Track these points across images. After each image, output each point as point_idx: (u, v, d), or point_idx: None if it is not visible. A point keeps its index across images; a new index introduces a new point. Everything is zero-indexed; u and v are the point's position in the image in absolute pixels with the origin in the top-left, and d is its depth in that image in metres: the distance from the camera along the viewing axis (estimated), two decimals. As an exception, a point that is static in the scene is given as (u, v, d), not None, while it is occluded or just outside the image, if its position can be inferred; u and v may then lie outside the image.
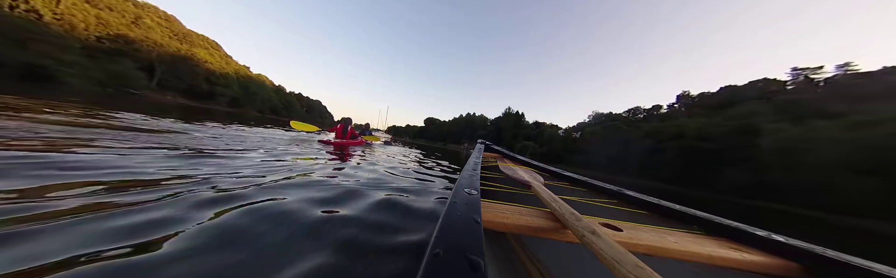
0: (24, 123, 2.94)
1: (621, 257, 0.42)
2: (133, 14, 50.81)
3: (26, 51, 25.04)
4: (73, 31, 35.92)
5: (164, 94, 47.00)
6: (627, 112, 54.13)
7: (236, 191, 1.81)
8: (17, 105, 4.53)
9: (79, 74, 28.37)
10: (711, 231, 0.76)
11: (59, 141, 2.47)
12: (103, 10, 43.56)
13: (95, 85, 30.82)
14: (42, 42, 26.41)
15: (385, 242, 1.42)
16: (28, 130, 2.64)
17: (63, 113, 4.33)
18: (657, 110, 51.18)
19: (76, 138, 2.69)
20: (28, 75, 24.17)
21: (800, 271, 0.58)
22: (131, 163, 2.11)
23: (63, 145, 2.33)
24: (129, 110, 6.72)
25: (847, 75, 33.37)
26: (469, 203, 0.56)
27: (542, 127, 69.11)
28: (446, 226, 0.43)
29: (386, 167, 4.26)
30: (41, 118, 3.47)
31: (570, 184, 1.48)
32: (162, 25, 57.03)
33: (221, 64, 68.76)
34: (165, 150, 2.75)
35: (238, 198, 1.68)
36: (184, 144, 3.23)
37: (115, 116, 5.12)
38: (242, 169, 2.50)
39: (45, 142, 2.33)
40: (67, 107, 5.43)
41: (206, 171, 2.22)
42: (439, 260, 0.32)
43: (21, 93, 6.81)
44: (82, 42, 35.39)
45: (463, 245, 0.37)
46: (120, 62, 37.15)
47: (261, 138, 5.38)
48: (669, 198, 1.07)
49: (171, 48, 52.60)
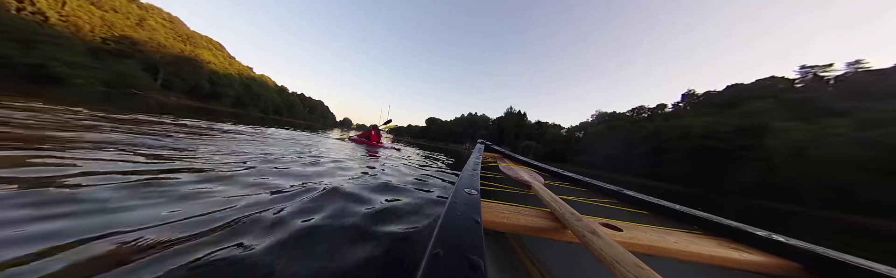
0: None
1: (621, 257, 0.42)
2: (137, 15, 51.30)
3: (32, 52, 25.39)
4: (78, 32, 36.35)
5: (167, 95, 47.43)
6: (631, 111, 53.73)
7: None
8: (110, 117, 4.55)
9: (84, 75, 28.71)
10: (711, 231, 0.76)
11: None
12: (108, 12, 44.03)
13: (100, 86, 31.15)
14: (48, 44, 26.76)
15: (385, 242, 1.42)
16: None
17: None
18: (662, 109, 50.77)
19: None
20: (35, 76, 24.48)
21: (800, 271, 0.58)
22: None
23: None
24: (180, 115, 7.13)
25: (858, 73, 32.81)
26: (469, 203, 0.56)
27: (545, 126, 68.88)
28: (446, 226, 0.43)
29: (391, 167, 4.33)
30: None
31: (570, 184, 1.48)
32: (166, 27, 57.51)
33: (224, 64, 69.29)
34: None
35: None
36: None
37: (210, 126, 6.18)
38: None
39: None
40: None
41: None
42: (439, 260, 0.32)
43: (40, 95, 6.88)
44: (87, 43, 35.81)
45: (463, 245, 0.37)
46: (124, 63, 37.54)
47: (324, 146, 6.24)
48: (675, 198, 1.05)
49: (174, 49, 53.08)
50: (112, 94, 18.65)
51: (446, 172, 5.01)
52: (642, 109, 52.78)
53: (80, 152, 2.14)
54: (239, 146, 3.93)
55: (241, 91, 71.17)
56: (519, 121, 70.94)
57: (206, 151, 3.12)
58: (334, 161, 3.96)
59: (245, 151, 3.54)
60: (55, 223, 1.11)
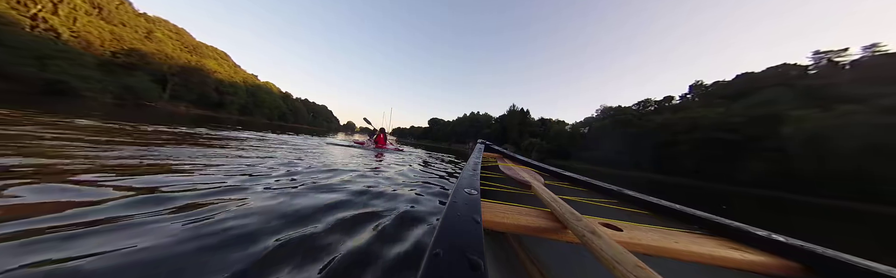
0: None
1: (621, 257, 0.42)
2: (145, 28, 52.72)
3: (46, 68, 26.34)
4: (89, 47, 37.54)
5: (176, 105, 48.62)
6: (637, 104, 52.80)
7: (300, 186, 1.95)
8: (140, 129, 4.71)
9: (95, 88, 29.64)
10: (712, 231, 0.75)
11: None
12: (117, 26, 45.36)
13: (111, 98, 32.12)
14: (61, 59, 27.73)
15: (385, 242, 1.43)
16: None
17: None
18: (669, 102, 49.76)
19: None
20: (49, 91, 25.38)
21: (800, 271, 0.58)
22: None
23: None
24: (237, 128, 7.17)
25: (876, 56, 31.46)
26: (469, 203, 0.57)
27: (549, 123, 68.23)
28: (446, 226, 0.43)
29: (392, 167, 4.36)
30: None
31: (570, 184, 1.47)
32: (173, 38, 59.00)
33: (230, 73, 70.71)
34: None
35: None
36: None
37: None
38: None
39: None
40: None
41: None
42: (439, 261, 0.32)
43: (51, 109, 7.12)
44: (98, 58, 36.95)
45: (463, 245, 0.37)
46: (134, 75, 38.63)
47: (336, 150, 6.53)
48: (685, 192, 1.01)
49: (181, 60, 54.40)
50: (125, 106, 19.20)
51: (447, 171, 5.01)
52: (649, 102, 51.83)
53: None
54: (247, 151, 3.98)
55: (247, 98, 72.52)
56: (522, 118, 70.46)
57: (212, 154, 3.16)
58: (338, 162, 3.98)
59: (250, 155, 3.58)
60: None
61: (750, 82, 36.89)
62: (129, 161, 2.44)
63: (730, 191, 18.17)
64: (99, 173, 1.96)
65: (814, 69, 35.46)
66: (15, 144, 2.55)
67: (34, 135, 3.09)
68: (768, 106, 28.49)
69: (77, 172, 1.92)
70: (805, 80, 31.54)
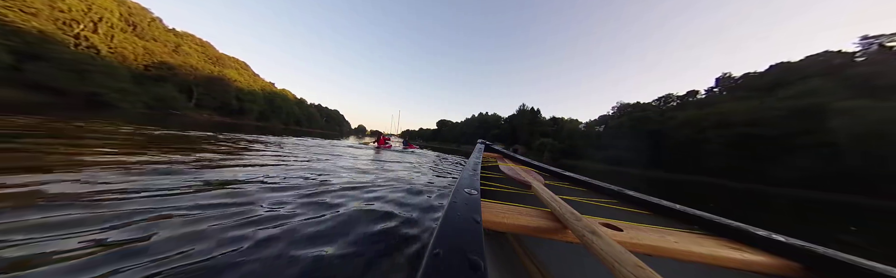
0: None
1: (621, 257, 0.42)
2: (173, 43, 56.37)
3: (88, 82, 28.72)
4: (124, 61, 40.58)
5: (201, 113, 51.47)
6: (658, 100, 50.50)
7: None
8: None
9: (129, 99, 31.99)
10: (712, 231, 0.74)
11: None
12: (149, 41, 48.80)
13: (143, 108, 34.54)
14: (100, 73, 30.20)
15: (385, 242, 1.43)
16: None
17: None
18: (693, 96, 47.23)
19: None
20: (89, 102, 27.61)
21: (800, 271, 0.58)
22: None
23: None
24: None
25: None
26: (469, 203, 0.57)
27: (561, 122, 66.32)
28: (446, 226, 0.43)
29: (395, 168, 4.40)
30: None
31: (570, 183, 1.46)
32: (198, 51, 62.68)
33: (249, 82, 74.16)
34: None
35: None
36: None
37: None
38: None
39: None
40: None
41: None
42: (439, 260, 0.32)
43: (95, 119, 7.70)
44: (132, 71, 39.85)
45: (463, 245, 0.37)
46: (163, 86, 41.35)
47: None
48: (721, 192, 0.92)
49: (206, 71, 57.67)
50: (155, 115, 20.62)
51: (450, 171, 4.99)
52: (670, 98, 49.45)
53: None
54: (275, 153, 4.10)
55: (265, 105, 75.74)
56: (532, 118, 68.99)
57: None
58: (341, 163, 4.01)
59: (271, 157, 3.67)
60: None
61: (786, 72, 34.18)
62: (200, 162, 2.94)
63: (769, 192, 16.85)
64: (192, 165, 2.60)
65: (861, 56, 32.42)
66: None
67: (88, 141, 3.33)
68: (812, 96, 26.01)
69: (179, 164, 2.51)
70: (854, 69, 28.60)
